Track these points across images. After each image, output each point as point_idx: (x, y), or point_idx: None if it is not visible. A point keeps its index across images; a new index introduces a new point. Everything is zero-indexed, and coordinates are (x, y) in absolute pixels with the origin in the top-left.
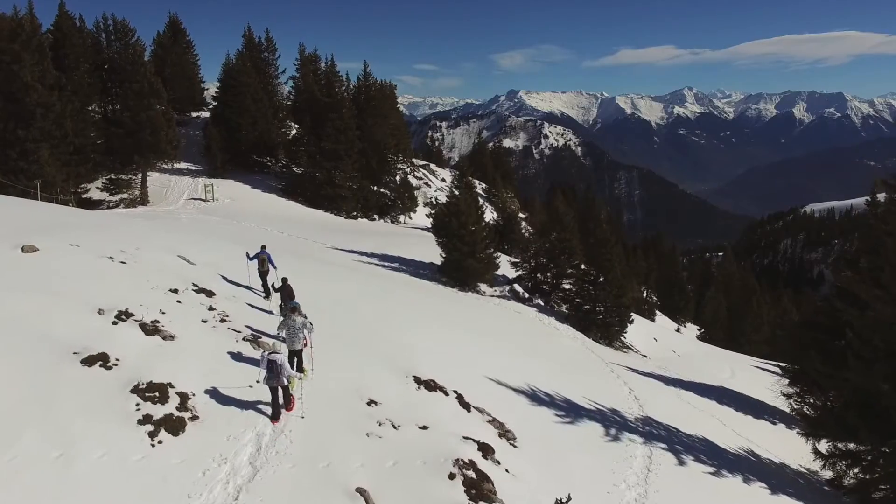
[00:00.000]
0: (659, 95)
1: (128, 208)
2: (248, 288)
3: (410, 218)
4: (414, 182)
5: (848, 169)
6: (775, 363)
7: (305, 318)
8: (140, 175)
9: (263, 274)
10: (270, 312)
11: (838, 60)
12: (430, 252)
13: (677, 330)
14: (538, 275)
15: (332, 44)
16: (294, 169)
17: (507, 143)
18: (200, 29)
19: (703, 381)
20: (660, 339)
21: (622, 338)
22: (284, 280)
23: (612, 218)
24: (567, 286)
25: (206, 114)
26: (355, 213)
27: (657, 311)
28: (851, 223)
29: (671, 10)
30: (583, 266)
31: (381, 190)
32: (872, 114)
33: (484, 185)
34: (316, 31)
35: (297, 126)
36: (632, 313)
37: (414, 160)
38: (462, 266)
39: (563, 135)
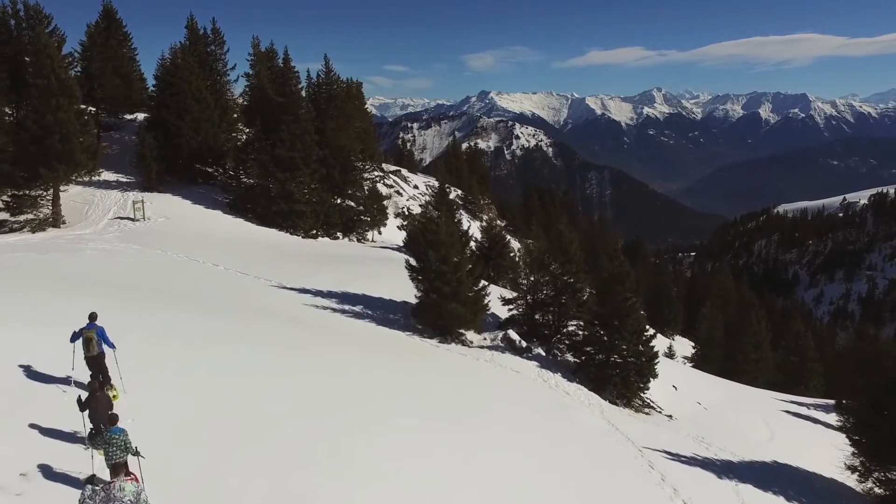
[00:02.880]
0: (628, 96)
1: (35, 231)
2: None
3: (380, 233)
4: (384, 190)
5: (813, 168)
6: (797, 401)
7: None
8: (52, 191)
9: (94, 362)
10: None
11: (802, 62)
12: (403, 284)
13: (669, 349)
14: (536, 315)
15: (295, 43)
16: (244, 179)
17: (479, 143)
18: (146, 22)
19: (747, 451)
20: (679, 383)
21: (643, 395)
22: (94, 387)
23: (602, 226)
24: (572, 326)
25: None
26: (315, 232)
27: (646, 326)
28: (824, 224)
29: (639, 11)
30: (593, 307)
31: (346, 203)
32: (835, 114)
33: (460, 192)
34: (276, 30)
35: (248, 129)
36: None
37: (384, 165)
38: (443, 312)
39: (534, 135)
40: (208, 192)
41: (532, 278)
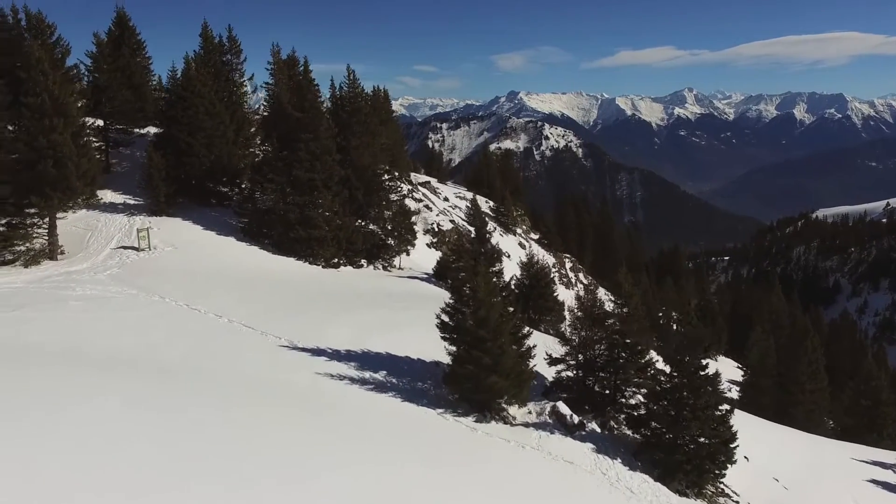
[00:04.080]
0: (659, 96)
1: (28, 265)
2: None
3: (408, 254)
4: (412, 205)
5: (850, 170)
6: (879, 459)
7: None
8: (47, 220)
9: None
10: None
11: (838, 61)
12: (433, 332)
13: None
14: (589, 378)
15: (323, 42)
16: (259, 202)
17: (508, 144)
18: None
19: None
20: (744, 438)
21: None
22: None
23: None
24: (631, 390)
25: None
26: (336, 260)
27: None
28: (868, 230)
29: (670, 11)
30: (660, 374)
31: (370, 227)
32: (873, 114)
33: (492, 204)
34: (302, 30)
35: (265, 145)
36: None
37: (413, 175)
38: (482, 385)
39: (563, 136)
40: (221, 215)
41: (583, 333)
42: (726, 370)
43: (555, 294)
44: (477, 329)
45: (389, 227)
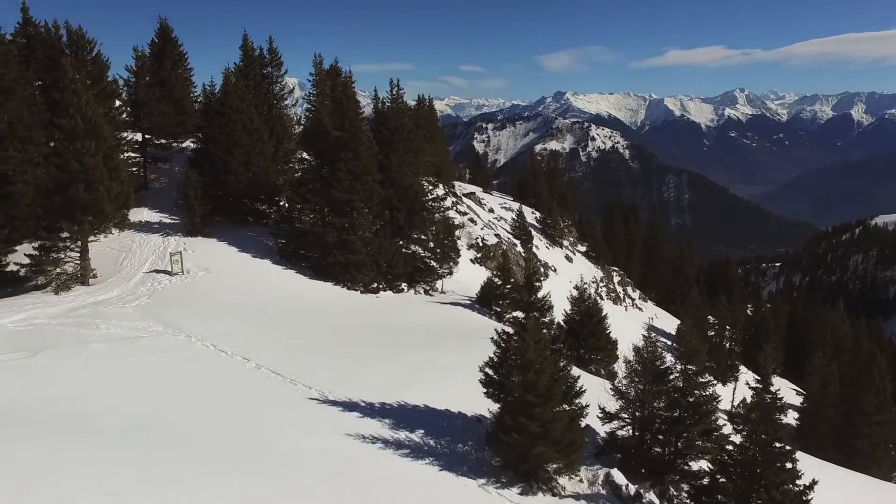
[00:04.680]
0: (709, 97)
1: (58, 292)
2: None
3: (451, 274)
4: (457, 219)
5: None
6: None
7: None
8: (80, 242)
9: None
10: None
11: None
12: (475, 381)
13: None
14: (646, 437)
15: (370, 45)
16: (296, 217)
17: (554, 145)
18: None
19: None
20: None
21: None
22: None
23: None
24: (696, 453)
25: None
26: (375, 285)
27: (741, 366)
28: None
29: (722, 10)
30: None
31: (412, 248)
32: None
33: (538, 215)
34: (350, 33)
35: (306, 157)
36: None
37: (458, 184)
38: (529, 455)
39: (610, 137)
40: (258, 235)
41: (640, 387)
42: (780, 391)
43: (607, 332)
44: (524, 393)
45: (432, 245)
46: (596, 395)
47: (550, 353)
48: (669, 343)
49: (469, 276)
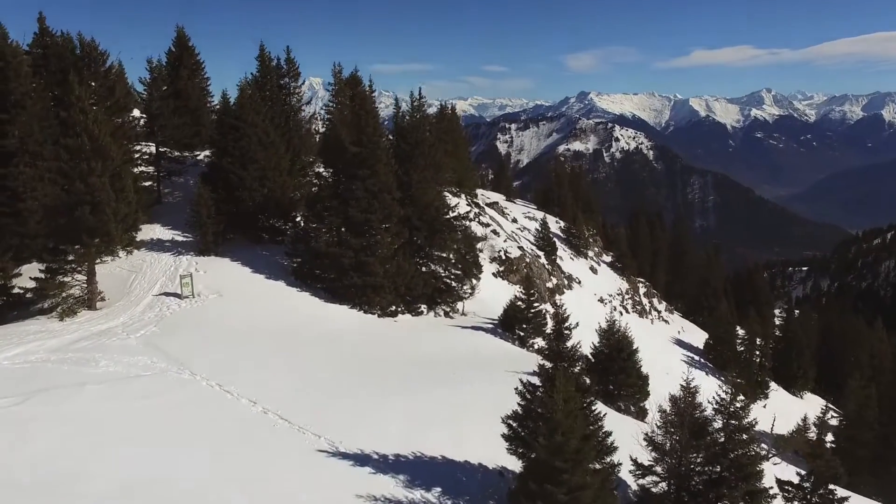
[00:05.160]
0: (735, 97)
1: (63, 318)
2: None
3: (472, 294)
4: (479, 231)
5: None
6: None
7: None
8: (86, 265)
9: None
10: None
11: None
12: (497, 423)
13: (806, 421)
14: (683, 495)
15: (392, 45)
16: (312, 235)
17: (577, 146)
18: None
19: None
20: None
21: None
22: None
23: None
24: None
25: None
26: (394, 308)
27: (771, 383)
28: None
29: (748, 10)
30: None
31: (432, 268)
32: None
33: (562, 224)
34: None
35: (323, 172)
36: None
37: (480, 192)
38: None
39: (634, 138)
40: (272, 254)
41: (676, 438)
42: (814, 411)
43: (638, 366)
44: (551, 457)
45: (453, 260)
46: (626, 440)
47: (580, 410)
48: (697, 358)
49: (491, 292)
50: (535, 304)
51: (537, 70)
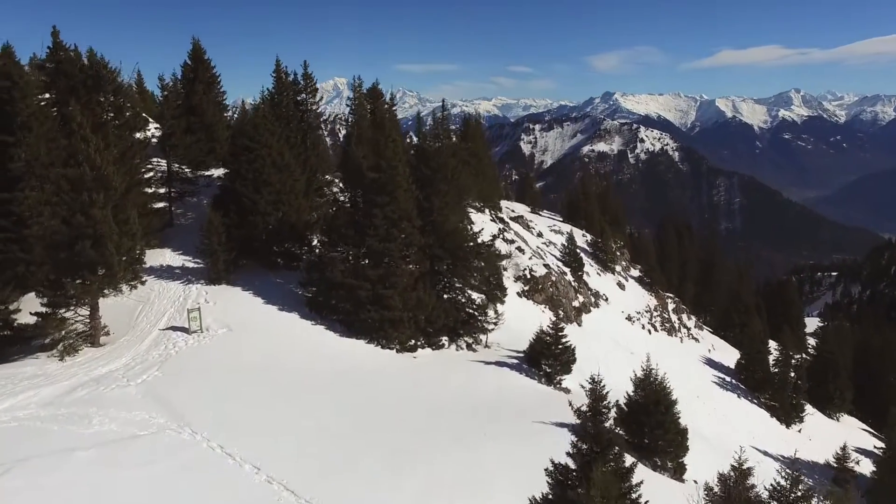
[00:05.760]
0: (762, 98)
1: (63, 357)
2: None
3: (497, 324)
4: (503, 248)
5: None
6: None
7: None
8: (89, 299)
9: None
10: None
11: None
12: (522, 494)
13: (846, 449)
14: None
15: (417, 45)
16: (327, 263)
17: (602, 146)
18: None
19: None
20: None
21: None
22: None
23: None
24: None
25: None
26: (413, 342)
27: (806, 405)
28: None
29: (776, 8)
30: None
31: (455, 297)
32: None
33: (589, 238)
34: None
35: (340, 195)
36: None
37: (505, 204)
38: None
39: (659, 139)
40: (287, 281)
41: None
42: (851, 434)
43: (676, 417)
44: None
45: (476, 282)
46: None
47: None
48: (728, 379)
49: (515, 312)
50: (564, 338)
51: (562, 70)
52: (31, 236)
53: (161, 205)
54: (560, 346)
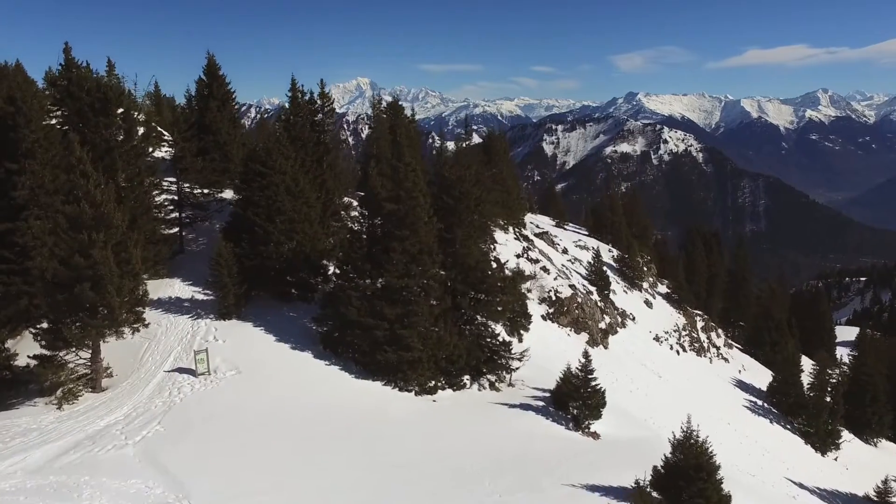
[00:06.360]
0: (789, 98)
1: (62, 404)
2: None
3: (521, 360)
4: (528, 268)
5: None
6: None
7: None
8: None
9: None
10: None
11: None
12: None
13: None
14: None
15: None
16: (342, 297)
17: (625, 147)
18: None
19: None
20: None
21: None
22: None
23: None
24: None
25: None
26: (433, 383)
27: (842, 431)
28: None
29: (805, 7)
30: None
31: (478, 331)
32: None
33: (615, 253)
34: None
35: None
36: None
37: (529, 219)
38: None
39: (683, 140)
40: (301, 315)
41: None
42: (891, 462)
43: (719, 483)
44: None
45: (500, 318)
46: None
47: None
48: (760, 403)
49: (540, 339)
50: (593, 381)
51: (585, 71)
52: (35, 268)
53: (172, 230)
54: (589, 389)
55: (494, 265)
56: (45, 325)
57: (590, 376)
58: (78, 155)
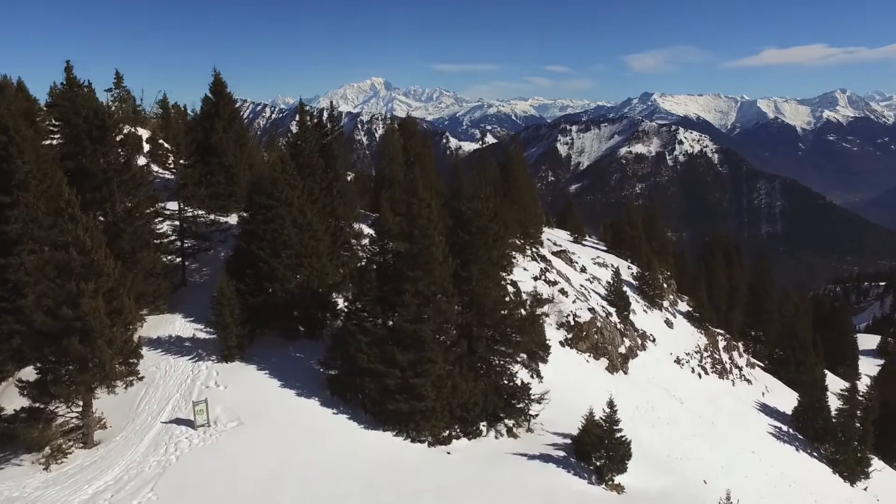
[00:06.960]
0: (806, 98)
1: (49, 464)
2: None
3: (540, 396)
4: (545, 291)
5: None
6: None
7: None
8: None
9: None
10: None
11: None
12: None
13: None
14: None
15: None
16: (350, 340)
17: (640, 148)
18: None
19: None
20: None
21: None
22: None
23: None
24: None
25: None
26: (447, 433)
27: (871, 458)
28: None
29: (822, 6)
30: None
31: (495, 372)
32: None
33: (635, 270)
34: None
35: (370, 238)
36: None
37: (547, 236)
38: None
39: (698, 141)
40: (307, 356)
41: None
42: None
43: None
44: None
45: (519, 358)
46: None
47: None
48: (784, 428)
49: (559, 372)
50: (618, 432)
51: (600, 71)
52: (27, 307)
53: (177, 260)
54: (614, 441)
55: (512, 293)
56: (31, 379)
57: (615, 427)
58: (66, 198)
